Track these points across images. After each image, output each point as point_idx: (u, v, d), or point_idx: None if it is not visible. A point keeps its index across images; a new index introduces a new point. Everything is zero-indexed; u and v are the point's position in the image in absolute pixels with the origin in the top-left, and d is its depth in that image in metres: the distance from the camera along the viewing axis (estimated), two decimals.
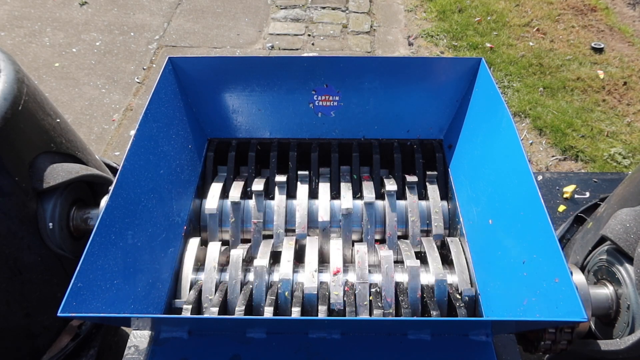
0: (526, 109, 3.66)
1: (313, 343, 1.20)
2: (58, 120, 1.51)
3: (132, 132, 1.50)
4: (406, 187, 1.61)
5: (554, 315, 1.04)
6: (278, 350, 1.20)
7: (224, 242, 1.55)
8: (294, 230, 1.55)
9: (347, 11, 4.70)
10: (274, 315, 1.28)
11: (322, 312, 1.28)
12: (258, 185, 1.57)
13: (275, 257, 1.48)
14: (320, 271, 1.38)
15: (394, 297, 1.31)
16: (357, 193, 1.65)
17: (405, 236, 1.58)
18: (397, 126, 1.73)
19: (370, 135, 1.74)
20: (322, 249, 1.52)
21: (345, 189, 1.60)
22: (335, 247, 1.43)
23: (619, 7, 4.80)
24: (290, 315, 1.29)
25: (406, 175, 1.63)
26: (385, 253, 1.37)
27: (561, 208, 2.14)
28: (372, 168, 1.70)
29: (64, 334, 1.54)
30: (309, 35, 4.41)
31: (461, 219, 1.50)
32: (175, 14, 4.55)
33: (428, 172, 1.65)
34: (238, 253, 1.39)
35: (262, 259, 1.37)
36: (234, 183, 1.62)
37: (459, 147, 1.63)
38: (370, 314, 1.30)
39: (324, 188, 1.62)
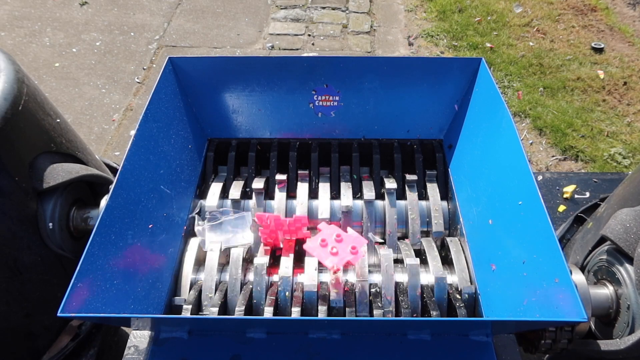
0: (526, 109, 3.66)
1: (313, 343, 1.20)
2: (58, 120, 1.51)
3: (132, 132, 1.50)
4: (406, 186, 1.61)
5: (554, 315, 1.04)
6: (278, 350, 1.20)
7: None
8: None
9: (347, 11, 4.70)
10: (274, 315, 1.28)
11: (322, 312, 1.28)
12: (258, 183, 1.57)
13: (275, 257, 1.48)
14: (320, 271, 1.38)
15: (394, 296, 1.31)
16: (358, 193, 1.65)
17: (405, 236, 1.58)
18: (397, 126, 1.73)
19: (370, 135, 1.74)
20: None
21: (345, 188, 1.60)
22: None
23: (619, 7, 4.80)
24: (290, 315, 1.29)
25: (406, 175, 1.63)
26: (385, 252, 1.37)
27: (561, 208, 2.14)
28: (372, 168, 1.70)
29: (64, 334, 1.54)
30: (309, 35, 4.41)
31: (461, 219, 1.50)
32: (175, 14, 4.55)
33: (427, 172, 1.64)
34: (238, 252, 1.39)
35: (262, 258, 1.37)
36: (234, 182, 1.63)
37: (459, 147, 1.63)
38: (371, 314, 1.30)
39: (324, 187, 1.62)
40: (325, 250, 1.29)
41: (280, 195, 1.58)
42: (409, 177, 1.62)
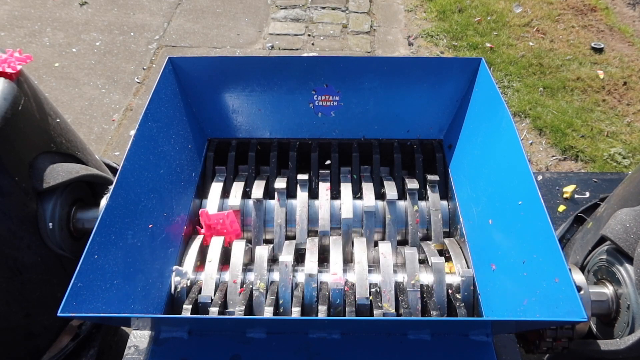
0: (526, 109, 3.66)
1: (313, 343, 1.20)
2: (58, 120, 1.51)
3: (132, 132, 1.50)
4: (407, 193, 1.60)
5: (554, 315, 1.04)
6: (278, 350, 1.20)
7: None
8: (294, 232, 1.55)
9: (347, 11, 4.70)
10: (274, 315, 1.28)
11: (322, 312, 1.28)
12: (258, 189, 1.57)
13: (275, 259, 1.48)
14: (320, 271, 1.38)
15: (393, 296, 1.31)
16: (357, 193, 1.65)
17: (405, 240, 1.58)
18: (397, 126, 1.73)
19: (370, 135, 1.74)
20: (323, 250, 1.52)
21: (347, 190, 1.60)
22: (337, 249, 1.43)
23: (619, 7, 4.80)
24: (290, 315, 1.29)
25: (406, 179, 1.62)
26: (384, 247, 1.37)
27: (561, 208, 2.14)
28: (372, 168, 1.70)
29: (64, 334, 1.54)
30: (309, 35, 4.41)
31: (461, 219, 1.50)
32: (175, 14, 4.55)
33: (429, 177, 1.63)
34: (240, 249, 1.39)
35: (263, 252, 1.37)
36: (234, 184, 1.62)
37: (459, 147, 1.63)
38: (371, 314, 1.30)
39: (324, 188, 1.62)
40: None
41: (280, 198, 1.58)
42: (410, 185, 1.60)
